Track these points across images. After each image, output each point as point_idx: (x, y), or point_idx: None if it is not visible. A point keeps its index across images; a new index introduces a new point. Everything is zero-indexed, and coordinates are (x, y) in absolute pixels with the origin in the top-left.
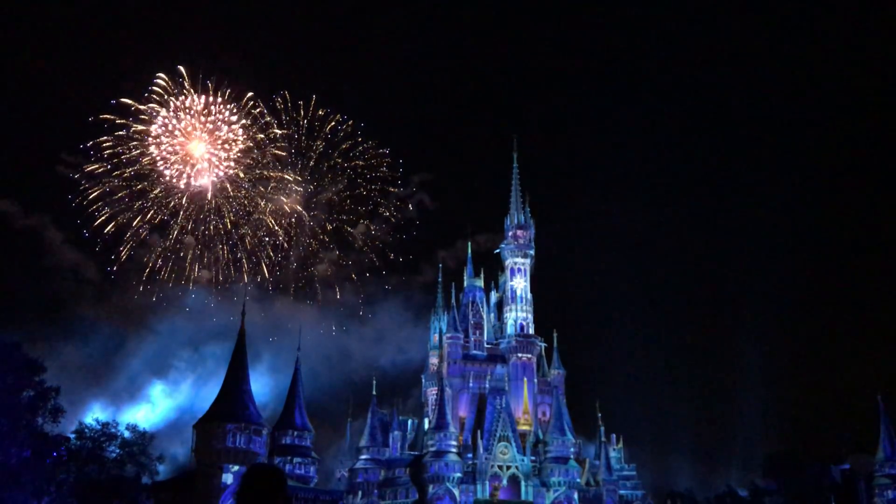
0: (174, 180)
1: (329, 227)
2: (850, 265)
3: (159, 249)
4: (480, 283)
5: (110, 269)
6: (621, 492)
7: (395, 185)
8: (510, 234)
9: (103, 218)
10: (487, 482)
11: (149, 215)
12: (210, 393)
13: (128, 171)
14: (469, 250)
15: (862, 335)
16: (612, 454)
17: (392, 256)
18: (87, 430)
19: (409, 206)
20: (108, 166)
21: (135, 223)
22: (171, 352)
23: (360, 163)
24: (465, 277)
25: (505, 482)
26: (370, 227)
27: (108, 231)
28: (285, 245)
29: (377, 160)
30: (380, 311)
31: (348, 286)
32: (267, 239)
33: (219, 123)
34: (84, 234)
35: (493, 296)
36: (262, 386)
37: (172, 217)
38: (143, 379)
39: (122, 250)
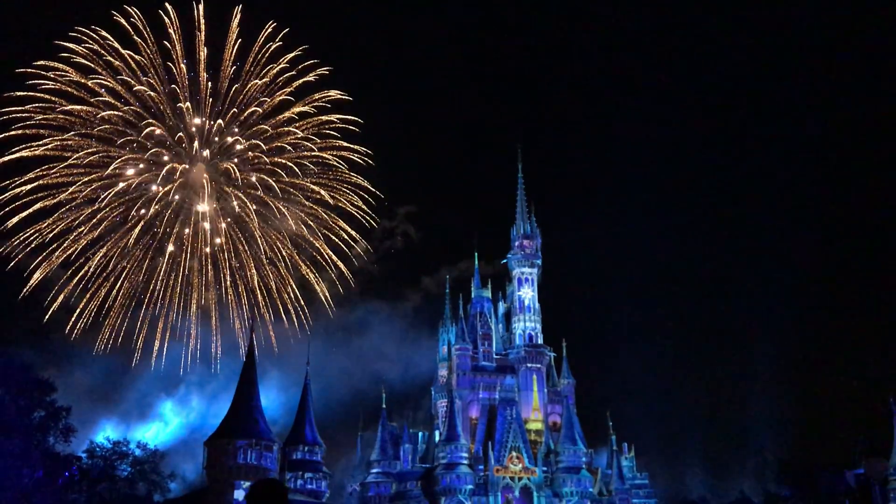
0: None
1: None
2: (860, 268)
3: (160, 275)
4: (488, 293)
5: (106, 298)
6: (634, 501)
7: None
8: (517, 244)
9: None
10: (500, 493)
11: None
12: (220, 410)
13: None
14: (476, 261)
15: (873, 337)
16: (624, 463)
17: (397, 270)
18: (98, 449)
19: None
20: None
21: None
22: (180, 370)
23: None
24: (472, 288)
25: (517, 493)
26: (368, 247)
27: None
28: (287, 265)
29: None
30: (387, 325)
31: (353, 301)
32: (268, 258)
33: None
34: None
35: (501, 306)
36: (272, 401)
37: (169, 239)
38: (153, 397)
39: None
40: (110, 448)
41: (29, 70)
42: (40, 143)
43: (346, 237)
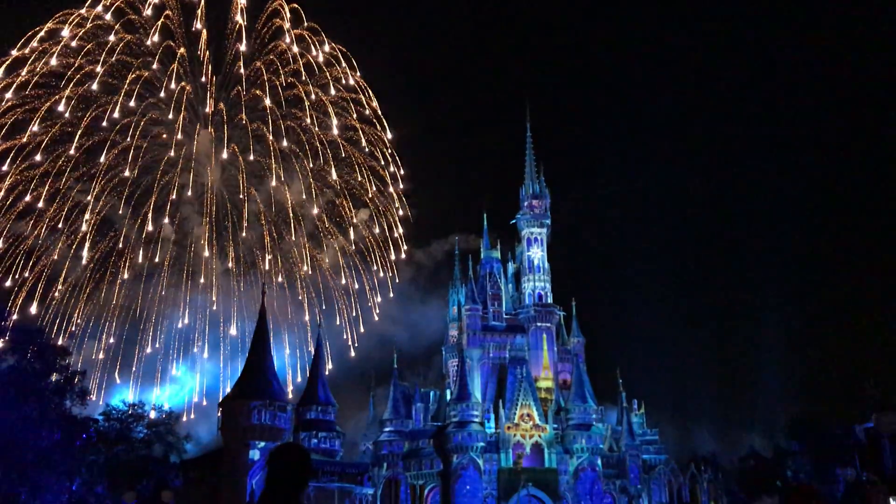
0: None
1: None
2: (872, 221)
3: (172, 240)
4: (497, 254)
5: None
6: (644, 457)
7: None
8: (525, 203)
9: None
10: (511, 451)
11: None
12: (234, 373)
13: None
14: (485, 222)
15: (884, 291)
16: (634, 419)
17: (405, 231)
18: (114, 412)
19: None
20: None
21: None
22: (194, 333)
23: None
24: (481, 249)
25: (528, 450)
26: (375, 209)
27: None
28: (294, 229)
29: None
30: (398, 286)
31: (362, 262)
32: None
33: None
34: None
35: (511, 266)
36: (284, 364)
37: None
38: (168, 361)
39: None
40: (126, 410)
41: (22, 53)
42: (40, 127)
43: (350, 212)
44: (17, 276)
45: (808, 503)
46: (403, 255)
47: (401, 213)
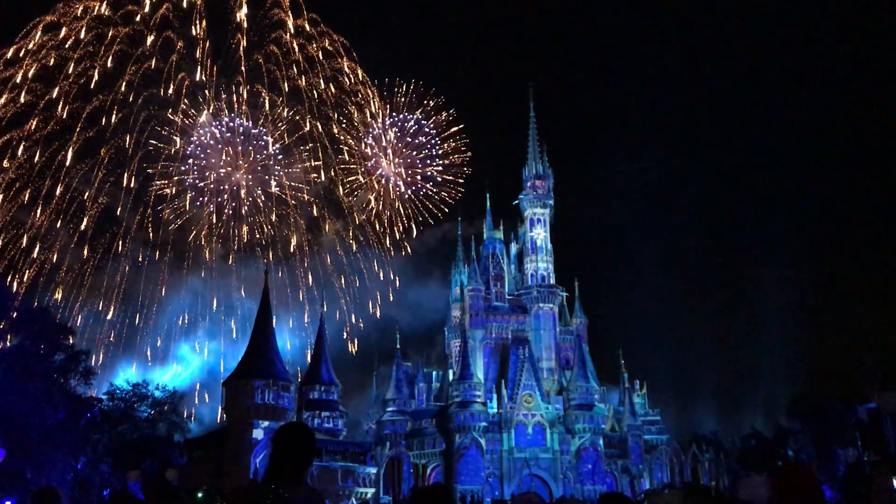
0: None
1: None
2: (874, 198)
3: (173, 223)
4: (500, 234)
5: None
6: (646, 437)
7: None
8: (528, 184)
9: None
10: (513, 430)
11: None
12: (237, 353)
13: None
14: (488, 202)
15: (886, 270)
16: (636, 400)
17: (411, 210)
18: (118, 392)
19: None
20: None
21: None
22: (198, 313)
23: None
24: (484, 229)
25: (530, 430)
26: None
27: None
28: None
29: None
30: (401, 265)
31: (366, 241)
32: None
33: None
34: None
35: (514, 247)
36: (287, 344)
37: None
38: (171, 340)
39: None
40: (130, 390)
41: (21, 45)
42: (39, 121)
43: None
44: (19, 266)
45: (799, 483)
46: (405, 239)
47: (399, 202)
